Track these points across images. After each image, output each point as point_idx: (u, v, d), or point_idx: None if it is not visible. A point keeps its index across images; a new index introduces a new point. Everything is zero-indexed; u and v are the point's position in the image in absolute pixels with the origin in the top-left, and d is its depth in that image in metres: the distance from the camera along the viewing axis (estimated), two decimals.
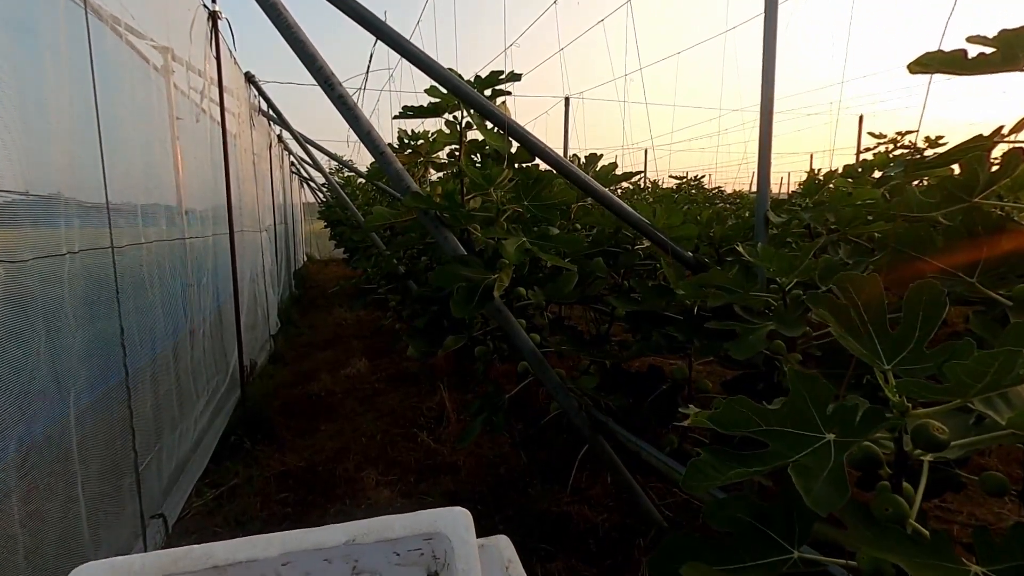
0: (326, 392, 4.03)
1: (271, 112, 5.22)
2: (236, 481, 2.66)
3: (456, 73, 1.95)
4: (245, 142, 4.29)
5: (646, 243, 2.38)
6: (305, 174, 12.22)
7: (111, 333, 1.69)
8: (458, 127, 2.23)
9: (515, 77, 2.21)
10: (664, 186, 8.81)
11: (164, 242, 2.10)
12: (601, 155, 2.69)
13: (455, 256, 1.65)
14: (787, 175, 19.70)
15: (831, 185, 2.54)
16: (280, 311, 6.44)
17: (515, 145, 2.05)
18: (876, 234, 1.76)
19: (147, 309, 1.89)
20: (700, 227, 2.21)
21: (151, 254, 1.96)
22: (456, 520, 0.57)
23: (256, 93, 4.85)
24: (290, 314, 6.71)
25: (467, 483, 2.61)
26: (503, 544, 0.70)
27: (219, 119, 3.11)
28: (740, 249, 1.51)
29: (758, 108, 1.68)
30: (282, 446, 3.15)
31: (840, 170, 2.71)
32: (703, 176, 8.80)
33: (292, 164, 11.02)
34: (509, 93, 2.20)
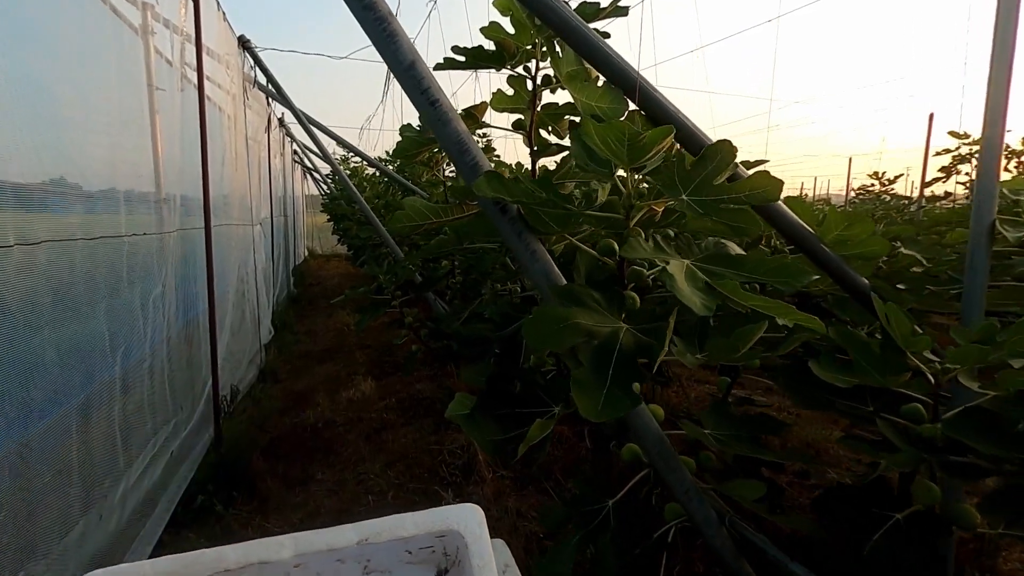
0: (324, 423, 3.32)
1: (269, 87, 4.50)
2: None
3: None
4: (236, 120, 3.58)
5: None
6: (309, 164, 11.54)
7: None
8: (530, 82, 1.52)
9: (621, 11, 1.50)
10: None
11: (72, 242, 1.36)
12: None
13: (554, 288, 0.94)
14: (813, 180, 18.83)
15: None
16: (275, 314, 5.73)
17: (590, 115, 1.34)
18: None
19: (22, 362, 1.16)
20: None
21: (39, 262, 1.22)
22: (469, 516, 0.55)
23: (252, 62, 4.13)
24: (286, 318, 6.00)
25: None
26: (499, 547, 0.69)
27: (195, 81, 2.40)
28: None
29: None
30: (265, 505, 2.44)
31: None
32: None
33: (295, 152, 10.31)
34: (608, 36, 1.49)
